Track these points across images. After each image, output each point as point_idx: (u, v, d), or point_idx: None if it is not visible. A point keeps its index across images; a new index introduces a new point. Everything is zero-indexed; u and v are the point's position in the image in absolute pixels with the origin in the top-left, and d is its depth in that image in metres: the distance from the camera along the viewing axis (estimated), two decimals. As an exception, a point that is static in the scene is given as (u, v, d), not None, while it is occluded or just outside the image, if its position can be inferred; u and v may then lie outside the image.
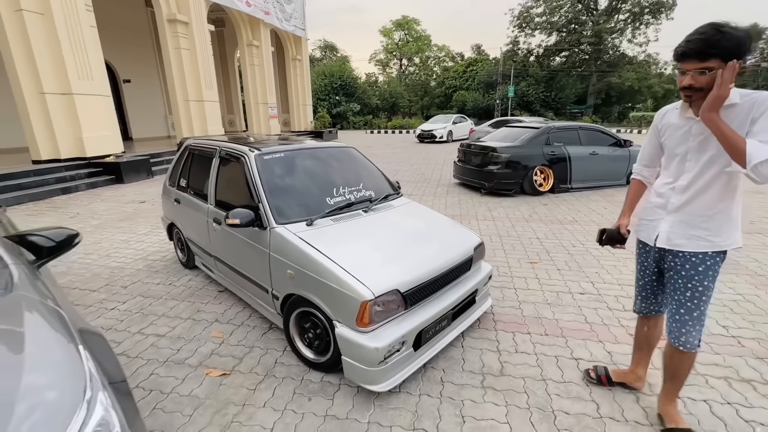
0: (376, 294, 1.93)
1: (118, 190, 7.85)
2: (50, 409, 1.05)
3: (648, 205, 1.82)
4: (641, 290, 1.94)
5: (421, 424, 1.88)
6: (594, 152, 7.07)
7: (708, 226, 1.59)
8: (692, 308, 1.65)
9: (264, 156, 2.73)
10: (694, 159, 1.59)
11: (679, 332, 1.69)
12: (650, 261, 1.82)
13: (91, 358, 1.30)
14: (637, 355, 2.08)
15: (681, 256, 1.65)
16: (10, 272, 1.53)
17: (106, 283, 3.52)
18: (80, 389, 1.12)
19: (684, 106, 1.61)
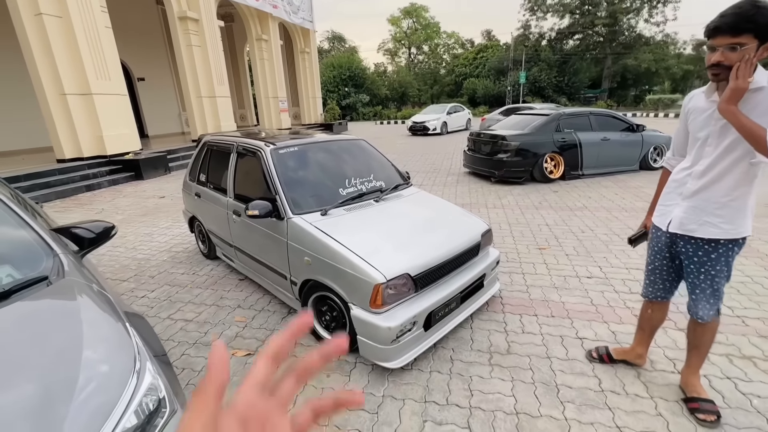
0: (388, 277, 2.06)
1: (138, 186, 8.15)
2: (107, 378, 1.22)
3: (666, 190, 1.82)
4: (650, 275, 1.96)
5: (432, 398, 2.03)
6: (606, 138, 7.01)
7: (722, 213, 1.59)
8: (706, 288, 1.71)
9: (279, 150, 2.87)
10: (714, 144, 1.57)
11: (696, 307, 1.77)
12: (661, 246, 1.83)
13: (137, 334, 1.48)
14: (639, 335, 2.14)
15: (693, 242, 1.67)
16: (60, 260, 1.71)
17: (134, 273, 3.75)
18: (131, 360, 1.30)
19: (710, 89, 1.59)
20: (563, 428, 1.81)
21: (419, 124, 17.17)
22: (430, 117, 17.36)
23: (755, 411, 1.86)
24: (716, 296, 1.72)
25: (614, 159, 7.22)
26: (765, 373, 2.12)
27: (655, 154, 7.50)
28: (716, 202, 1.59)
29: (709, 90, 1.60)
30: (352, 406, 0.32)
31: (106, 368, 1.26)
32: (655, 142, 7.39)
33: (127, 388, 1.21)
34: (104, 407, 1.13)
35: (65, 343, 1.28)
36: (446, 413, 1.92)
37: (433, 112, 18.10)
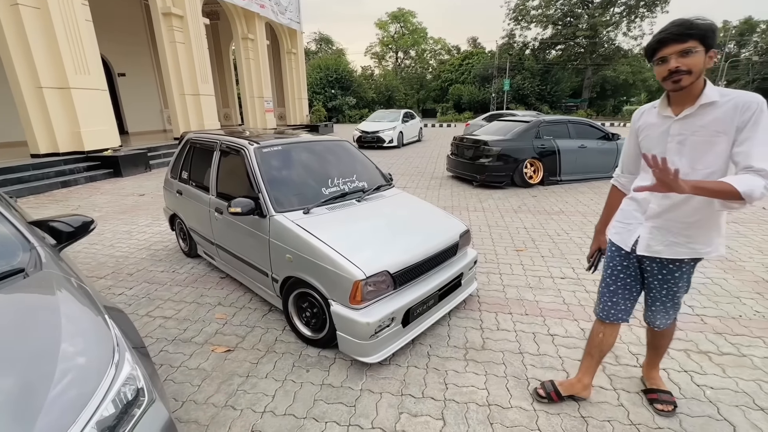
0: (368, 274, 2.12)
1: (116, 183, 7.97)
2: (85, 370, 1.24)
3: (625, 207, 1.75)
4: (611, 296, 1.82)
5: (408, 391, 2.09)
6: (583, 145, 7.27)
7: (688, 233, 1.54)
8: (667, 302, 1.74)
9: (263, 149, 2.90)
10: (671, 162, 1.44)
11: (654, 319, 1.82)
12: (626, 265, 1.75)
13: (116, 326, 1.49)
14: (586, 362, 1.98)
15: (658, 261, 1.64)
16: (38, 253, 1.71)
17: (112, 270, 3.69)
18: (109, 352, 1.32)
19: (662, 104, 1.54)
20: (531, 418, 1.90)
21: (370, 135, 13.39)
22: (384, 126, 13.73)
23: (707, 401, 2.00)
24: (675, 308, 1.77)
25: (590, 166, 7.48)
26: (719, 366, 2.26)
27: (629, 162, 7.80)
28: (683, 222, 1.53)
29: (661, 105, 1.55)
30: None
31: (83, 360, 1.27)
32: (629, 150, 7.69)
33: (105, 378, 1.23)
34: (81, 398, 1.14)
35: (43, 336, 1.29)
36: (422, 405, 1.99)
37: (384, 119, 14.55)
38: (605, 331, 1.90)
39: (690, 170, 1.48)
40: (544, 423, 1.87)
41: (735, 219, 5.05)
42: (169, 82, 11.44)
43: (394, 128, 13.62)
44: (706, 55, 1.38)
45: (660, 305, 1.76)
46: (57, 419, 1.08)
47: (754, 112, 1.35)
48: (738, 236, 4.41)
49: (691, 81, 1.40)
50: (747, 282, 3.30)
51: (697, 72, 1.39)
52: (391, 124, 13.90)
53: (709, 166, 1.45)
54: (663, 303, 1.75)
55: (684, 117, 1.47)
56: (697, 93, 1.44)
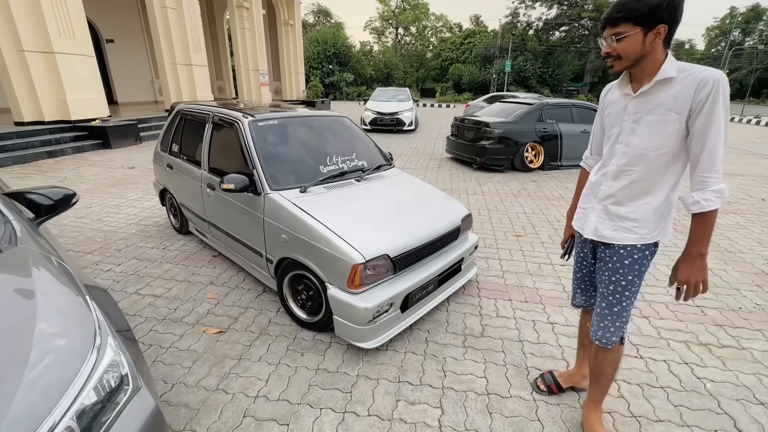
0: (367, 258, 2.03)
1: (105, 155, 7.72)
2: (64, 353, 1.14)
3: (584, 192, 1.65)
4: (580, 282, 1.76)
5: (406, 378, 2.04)
6: (585, 130, 7.13)
7: (635, 216, 1.43)
8: (613, 302, 1.52)
9: (258, 122, 2.75)
10: (625, 142, 1.42)
11: (598, 326, 1.57)
12: (586, 252, 1.66)
13: (98, 308, 1.39)
14: (581, 352, 1.95)
15: (610, 247, 1.51)
16: (13, 227, 1.58)
17: (99, 246, 3.56)
18: (90, 335, 1.22)
19: (623, 80, 1.44)
20: (531, 408, 1.86)
21: (388, 117, 11.66)
22: (402, 107, 12.03)
23: (708, 394, 1.98)
24: (622, 318, 1.53)
25: (592, 152, 7.36)
26: (719, 359, 2.24)
27: (631, 149, 7.70)
28: (629, 205, 1.44)
29: (621, 81, 1.45)
30: None
31: (62, 343, 1.17)
32: (631, 137, 7.57)
33: (86, 364, 1.13)
34: (59, 384, 1.05)
35: (16, 316, 1.19)
36: (419, 393, 1.94)
37: (394, 99, 12.76)
38: (590, 319, 1.79)
39: (641, 151, 1.38)
40: (544, 413, 1.84)
41: (735, 210, 5.02)
42: (160, 51, 10.98)
43: (412, 109, 12.07)
44: (652, 32, 1.26)
45: (606, 307, 1.54)
46: (32, 406, 0.99)
47: (711, 89, 1.22)
48: (738, 227, 4.38)
49: (623, 65, 1.34)
50: (747, 274, 3.28)
51: (631, 56, 1.31)
52: (405, 105, 12.22)
53: (660, 147, 1.35)
54: (609, 304, 1.53)
55: (640, 94, 1.37)
56: (655, 69, 1.32)
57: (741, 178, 6.83)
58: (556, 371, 2.02)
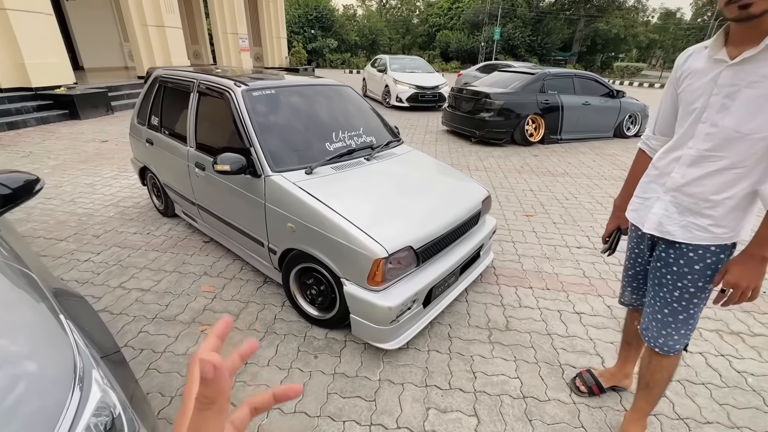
0: (390, 251, 1.78)
1: (74, 126, 7.06)
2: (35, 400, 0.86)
3: (645, 178, 1.40)
4: (631, 280, 1.57)
5: (433, 381, 1.86)
6: (587, 102, 6.90)
7: (713, 213, 1.19)
8: (678, 310, 1.31)
9: (253, 92, 2.39)
10: (711, 121, 1.15)
11: (659, 333, 1.37)
12: (643, 248, 1.45)
13: (75, 329, 1.11)
14: (624, 350, 1.78)
15: (677, 247, 1.28)
16: (-42, 226, 1.26)
17: (74, 231, 3.19)
18: (69, 370, 0.94)
19: (716, 43, 1.14)
20: (573, 413, 1.72)
21: (430, 92, 10.01)
22: (438, 80, 10.51)
23: (751, 389, 1.87)
24: (689, 326, 1.32)
25: (592, 125, 7.18)
26: (753, 349, 2.14)
27: (629, 122, 7.54)
28: (707, 200, 1.19)
29: (714, 45, 1.15)
30: (289, 399, 0.34)
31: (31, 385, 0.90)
32: (631, 109, 7.40)
33: (67, 409, 0.87)
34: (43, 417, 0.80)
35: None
36: (450, 399, 1.76)
37: (419, 70, 11.09)
38: (640, 318, 1.57)
39: (733, 134, 1.11)
40: (587, 419, 1.69)
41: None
42: (128, 10, 9.95)
43: (445, 83, 10.53)
44: None
45: (670, 314, 1.33)
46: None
47: None
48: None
49: (765, 7, 0.97)
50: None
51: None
52: (438, 77, 10.80)
53: (760, 129, 1.07)
54: (674, 312, 1.32)
55: (741, 61, 1.07)
56: (766, 29, 1.03)
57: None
58: (594, 369, 1.87)
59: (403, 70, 10.83)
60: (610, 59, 37.43)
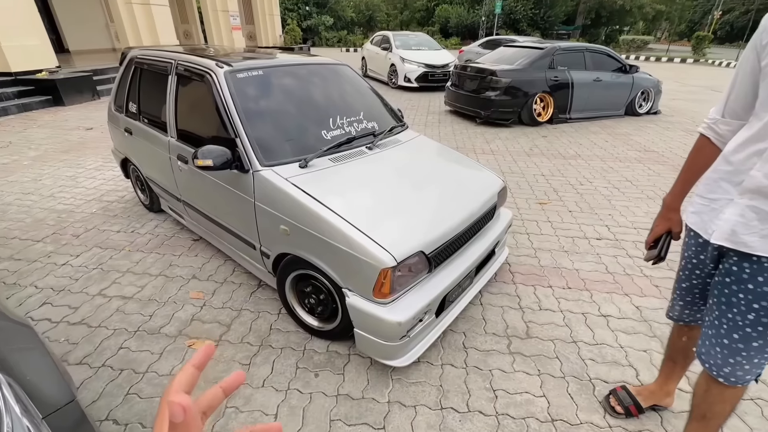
0: (399, 259, 1.54)
1: (57, 113, 6.71)
2: None
3: (712, 174, 1.15)
4: (685, 293, 1.34)
5: (449, 402, 1.65)
6: (598, 78, 6.51)
7: None
8: (754, 336, 1.07)
9: (237, 74, 2.09)
10: None
11: (724, 362, 1.14)
12: (704, 258, 1.21)
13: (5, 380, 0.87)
14: (668, 367, 1.56)
15: (754, 261, 1.04)
16: None
17: (52, 231, 2.95)
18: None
19: None
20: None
21: (440, 70, 9.44)
22: (446, 57, 9.99)
23: (805, 405, 1.66)
24: (764, 354, 1.09)
25: (603, 102, 6.81)
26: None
27: (642, 99, 7.17)
28: None
29: None
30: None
31: None
32: (644, 85, 7.01)
33: None
34: None
35: None
36: (470, 425, 1.56)
37: (426, 47, 10.41)
38: (689, 334, 1.43)
39: None
40: (626, 446, 1.49)
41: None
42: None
43: (453, 60, 9.85)
44: None
45: (740, 339, 1.09)
46: None
47: None
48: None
49: None
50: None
51: None
52: (446, 54, 10.23)
53: None
54: (745, 337, 1.08)
55: None
56: None
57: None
58: (629, 385, 1.66)
59: (409, 48, 10.10)
60: (615, 32, 36.19)
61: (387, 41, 10.49)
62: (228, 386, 0.34)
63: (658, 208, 3.44)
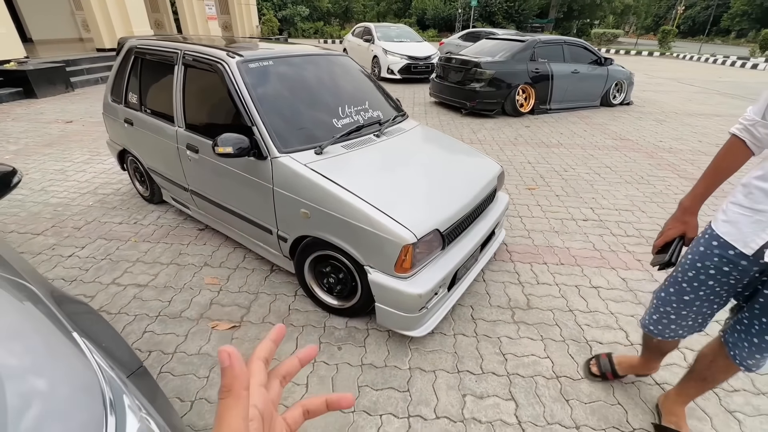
0: (419, 236, 1.67)
1: (30, 106, 6.43)
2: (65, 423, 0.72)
3: (757, 183, 1.07)
4: (680, 308, 1.28)
5: (465, 366, 1.81)
6: (576, 70, 6.81)
7: None
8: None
9: (249, 64, 2.15)
10: None
11: (751, 356, 1.20)
12: (730, 270, 1.14)
13: (92, 345, 0.96)
14: (646, 354, 1.63)
15: None
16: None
17: (51, 224, 2.91)
18: (97, 402, 0.79)
19: None
20: (607, 391, 1.71)
21: (423, 62, 9.55)
22: (429, 49, 10.07)
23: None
24: None
25: (580, 94, 7.12)
26: None
27: (616, 90, 7.53)
28: None
29: None
30: (341, 408, 0.35)
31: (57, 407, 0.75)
32: (617, 77, 7.37)
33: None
34: None
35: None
36: (485, 384, 1.72)
37: (409, 39, 10.42)
38: (661, 344, 1.46)
39: None
40: (621, 395, 1.69)
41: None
42: (78, -27, 8.98)
43: (436, 52, 10.02)
44: None
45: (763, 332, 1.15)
46: None
47: None
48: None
49: None
50: None
51: None
52: (428, 46, 10.26)
53: None
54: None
55: None
56: None
57: (718, 119, 6.92)
58: (614, 355, 1.80)
59: (391, 40, 10.12)
60: (586, 26, 37.28)
61: (369, 33, 10.49)
62: (303, 357, 0.38)
63: (636, 191, 3.74)
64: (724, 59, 17.26)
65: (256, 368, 0.33)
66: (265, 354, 0.35)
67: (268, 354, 0.35)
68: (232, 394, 0.29)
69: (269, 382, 0.34)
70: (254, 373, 0.33)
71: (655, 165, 4.50)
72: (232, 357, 0.30)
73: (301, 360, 0.37)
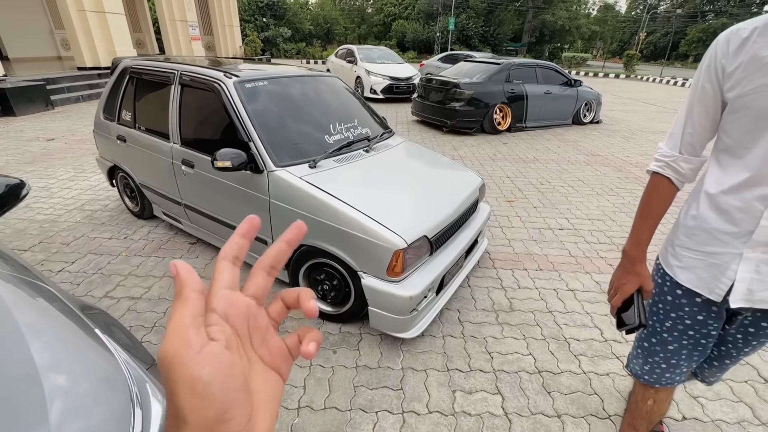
0: (409, 242, 1.80)
1: (9, 123, 6.33)
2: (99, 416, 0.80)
3: (699, 225, 1.01)
4: (671, 355, 1.18)
5: (454, 365, 1.92)
6: (548, 91, 7.24)
7: None
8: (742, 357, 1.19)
9: (245, 84, 2.28)
10: None
11: (713, 375, 1.29)
12: (703, 318, 1.08)
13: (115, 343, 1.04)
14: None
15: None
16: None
17: (38, 240, 2.90)
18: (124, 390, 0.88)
19: None
20: (585, 382, 1.85)
21: (404, 83, 9.96)
22: (410, 70, 10.53)
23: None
24: None
25: (553, 112, 7.55)
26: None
27: (585, 109, 8.01)
28: None
29: None
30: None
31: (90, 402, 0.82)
32: (586, 97, 7.86)
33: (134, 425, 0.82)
34: None
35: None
36: (473, 380, 1.83)
37: (390, 61, 10.88)
38: (656, 396, 1.33)
39: None
40: (598, 386, 1.83)
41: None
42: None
43: (416, 73, 10.45)
44: None
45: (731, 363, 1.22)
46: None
47: None
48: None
49: None
50: None
51: None
52: (409, 68, 10.73)
53: None
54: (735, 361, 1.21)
55: None
56: None
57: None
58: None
59: (373, 61, 10.52)
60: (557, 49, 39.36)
61: (352, 54, 10.85)
62: (292, 238, 0.32)
63: (606, 202, 4.01)
64: (683, 81, 18.53)
65: (218, 270, 0.29)
66: (233, 252, 0.29)
67: (237, 252, 0.29)
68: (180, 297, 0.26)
69: (252, 278, 0.31)
70: (216, 277, 0.29)
71: (623, 178, 4.82)
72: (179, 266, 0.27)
73: (289, 242, 0.31)
